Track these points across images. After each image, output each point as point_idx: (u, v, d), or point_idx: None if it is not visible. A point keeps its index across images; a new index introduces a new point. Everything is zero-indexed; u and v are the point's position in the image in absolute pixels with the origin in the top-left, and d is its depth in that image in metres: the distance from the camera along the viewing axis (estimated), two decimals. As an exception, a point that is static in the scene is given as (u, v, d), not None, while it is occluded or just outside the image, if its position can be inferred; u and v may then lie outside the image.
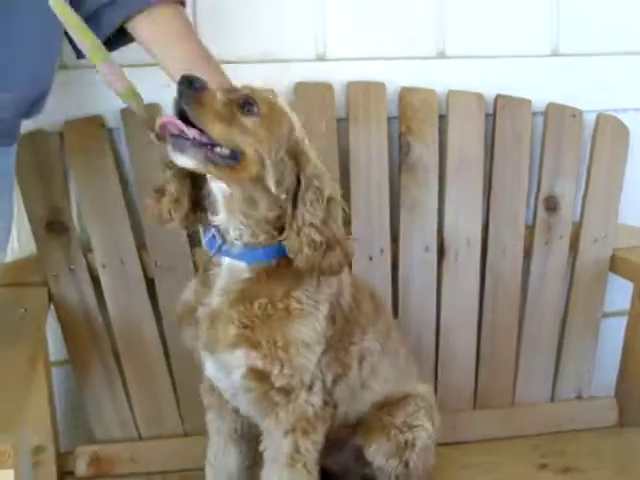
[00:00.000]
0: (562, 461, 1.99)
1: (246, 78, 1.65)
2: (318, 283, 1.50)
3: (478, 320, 2.12)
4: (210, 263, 1.51)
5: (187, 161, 1.35)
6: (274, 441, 1.52)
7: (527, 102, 2.09)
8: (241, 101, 1.39)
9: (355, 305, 1.60)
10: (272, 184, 1.41)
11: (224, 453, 1.70)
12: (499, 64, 2.10)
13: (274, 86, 1.94)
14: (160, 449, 2.00)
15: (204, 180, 1.46)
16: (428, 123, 2.05)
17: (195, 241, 1.94)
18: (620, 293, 2.21)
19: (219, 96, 1.36)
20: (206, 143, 1.34)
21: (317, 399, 1.51)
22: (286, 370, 1.45)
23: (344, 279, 1.58)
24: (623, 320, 2.19)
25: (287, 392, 1.48)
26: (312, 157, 1.46)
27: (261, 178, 1.41)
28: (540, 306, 2.16)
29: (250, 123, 1.39)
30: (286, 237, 1.44)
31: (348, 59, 2.05)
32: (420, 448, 1.68)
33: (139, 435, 2.01)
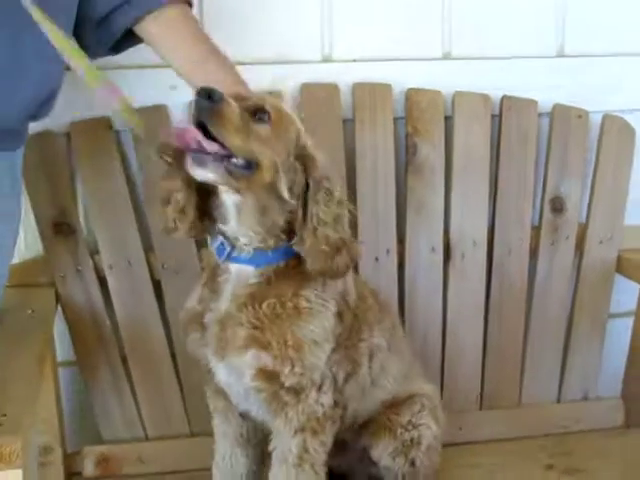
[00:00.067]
0: (568, 462, 1.99)
1: (253, 79, 1.68)
2: (325, 282, 1.50)
3: (484, 321, 2.12)
4: (218, 269, 1.52)
5: (207, 175, 1.35)
6: (283, 441, 1.53)
7: (533, 103, 2.09)
8: (252, 109, 1.39)
9: (361, 303, 1.61)
10: (285, 190, 1.41)
11: (231, 457, 1.71)
12: (505, 65, 2.10)
13: (281, 87, 1.95)
14: (167, 449, 2.00)
15: (212, 189, 1.45)
16: (434, 124, 2.05)
17: (202, 243, 1.94)
18: (626, 294, 2.21)
19: (235, 107, 1.36)
20: (224, 155, 1.34)
21: (327, 399, 1.52)
22: (297, 369, 1.46)
23: (348, 278, 1.59)
24: (629, 321, 2.19)
25: (297, 392, 1.49)
26: (319, 159, 1.46)
27: (274, 185, 1.41)
28: (546, 307, 2.16)
29: (263, 132, 1.39)
30: (298, 240, 1.44)
31: (354, 60, 2.05)
32: (426, 446, 1.69)
33: (146, 436, 2.02)
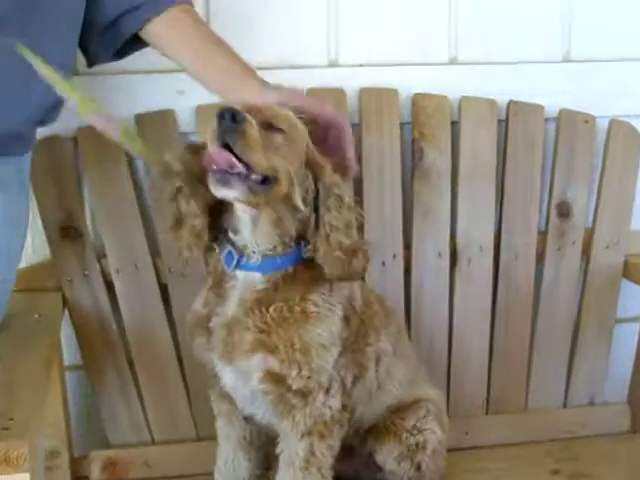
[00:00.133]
0: (575, 467, 1.98)
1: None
2: (331, 287, 1.51)
3: (490, 326, 2.12)
4: (225, 275, 1.52)
5: (231, 194, 1.36)
6: (290, 444, 1.52)
7: (540, 108, 2.09)
8: (267, 124, 1.40)
9: (367, 308, 1.61)
10: (299, 201, 1.43)
11: (233, 460, 1.71)
12: (512, 70, 2.10)
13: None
14: (174, 454, 2.00)
15: (225, 205, 1.46)
16: (441, 129, 2.05)
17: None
18: (633, 299, 2.21)
19: (255, 125, 1.36)
20: (246, 174, 1.35)
21: (335, 402, 1.52)
22: (304, 372, 1.46)
23: (354, 284, 1.59)
24: (636, 326, 2.18)
25: (304, 395, 1.49)
26: (326, 165, 1.47)
27: (289, 197, 1.42)
28: (553, 312, 2.15)
29: (279, 145, 1.40)
30: (311, 247, 1.45)
31: (361, 65, 2.05)
32: (431, 451, 1.69)
33: (153, 440, 2.02)
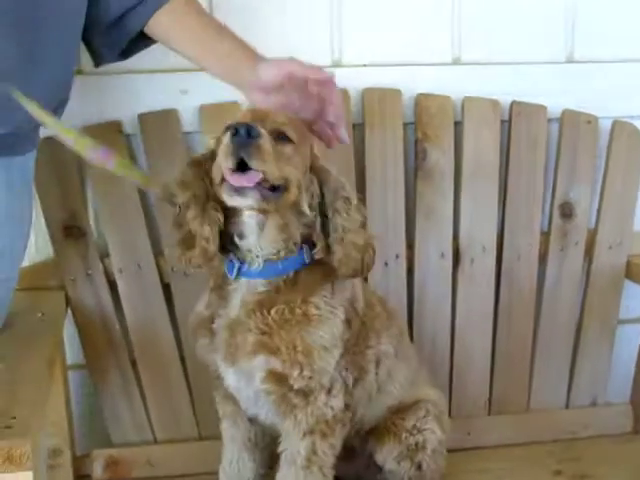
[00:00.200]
0: (577, 467, 1.99)
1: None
2: (333, 290, 1.51)
3: (493, 326, 2.12)
4: (227, 277, 1.52)
5: (245, 202, 1.38)
6: (292, 443, 1.53)
7: (542, 108, 2.09)
8: (275, 132, 1.40)
9: (369, 310, 1.62)
10: (306, 206, 1.44)
11: (238, 461, 1.71)
12: (515, 71, 2.10)
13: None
14: (176, 453, 2.00)
15: (231, 212, 1.46)
16: (444, 129, 2.05)
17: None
18: (635, 300, 2.21)
19: (268, 138, 1.37)
20: (260, 183, 1.36)
21: (337, 402, 1.52)
22: (305, 372, 1.46)
23: (356, 284, 1.59)
24: (638, 327, 2.19)
25: (306, 394, 1.49)
26: (330, 169, 1.48)
27: (297, 203, 1.43)
28: (555, 312, 2.15)
29: (288, 154, 1.41)
30: (320, 250, 1.46)
31: (364, 65, 2.05)
32: (431, 450, 1.69)
33: (155, 439, 2.02)
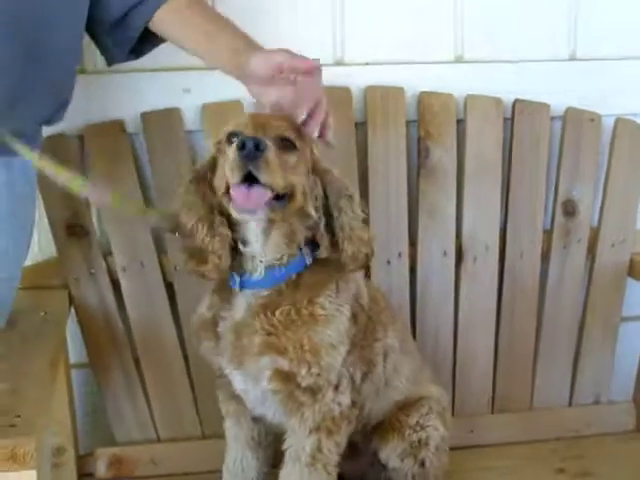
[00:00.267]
0: (580, 465, 1.99)
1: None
2: (338, 288, 1.52)
3: (496, 324, 2.12)
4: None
5: (253, 218, 1.40)
6: (297, 440, 1.53)
7: (545, 106, 2.09)
8: (279, 140, 1.40)
9: (374, 305, 1.63)
10: (312, 210, 1.44)
11: (242, 460, 1.72)
12: (517, 69, 2.10)
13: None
14: (179, 451, 2.01)
15: (238, 221, 1.46)
16: (447, 127, 2.05)
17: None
18: (638, 297, 2.21)
19: (274, 149, 1.37)
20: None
21: (344, 398, 1.53)
22: (313, 370, 1.47)
23: (359, 280, 1.60)
24: (641, 325, 2.19)
25: (313, 392, 1.49)
26: (332, 170, 1.49)
27: (303, 208, 1.44)
28: (558, 310, 2.15)
29: (293, 162, 1.41)
30: (324, 250, 1.47)
31: (367, 63, 2.05)
32: (434, 447, 1.70)
33: (158, 437, 2.03)
